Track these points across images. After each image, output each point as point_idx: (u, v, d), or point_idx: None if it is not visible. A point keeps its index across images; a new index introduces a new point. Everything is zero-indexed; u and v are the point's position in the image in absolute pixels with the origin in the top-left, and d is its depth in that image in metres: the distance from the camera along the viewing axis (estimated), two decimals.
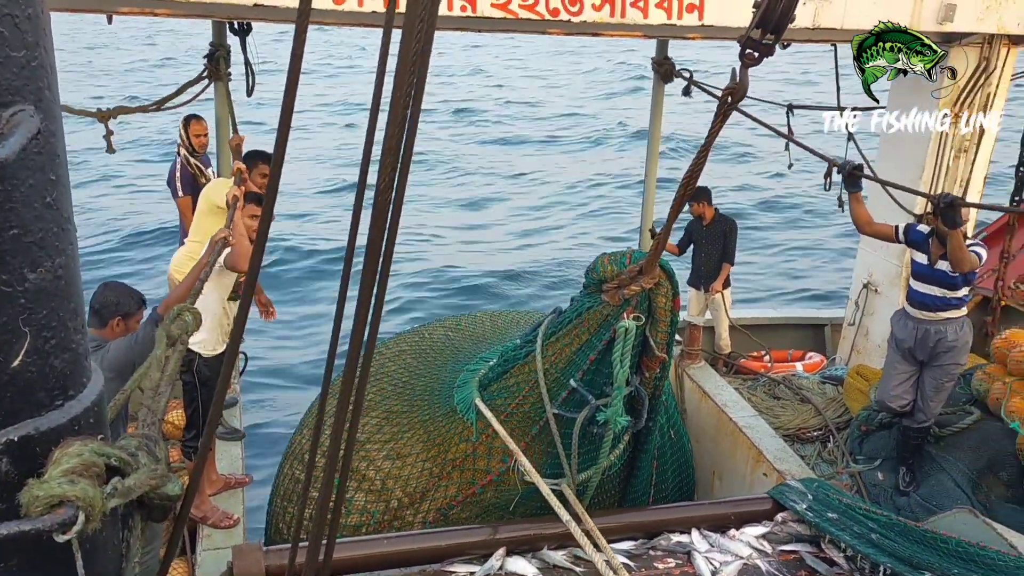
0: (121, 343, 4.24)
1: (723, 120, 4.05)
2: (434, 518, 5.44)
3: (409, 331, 7.31)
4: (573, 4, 5.64)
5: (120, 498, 1.31)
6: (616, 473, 5.40)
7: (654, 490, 5.78)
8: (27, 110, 1.15)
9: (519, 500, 5.28)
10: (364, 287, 1.64)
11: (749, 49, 3.71)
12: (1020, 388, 6.03)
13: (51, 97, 1.20)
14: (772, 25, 3.62)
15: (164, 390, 1.91)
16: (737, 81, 3.82)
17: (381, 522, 5.45)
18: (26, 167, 1.15)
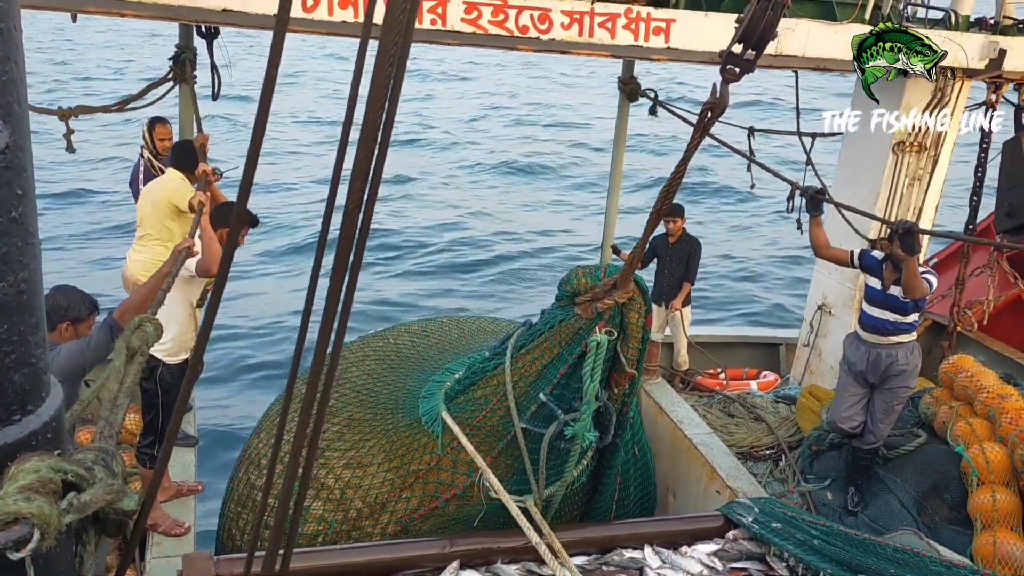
0: (73, 347, 4.17)
1: (703, 135, 4.08)
2: (394, 531, 5.37)
3: (374, 335, 7.20)
4: (542, 22, 5.70)
5: (76, 514, 1.31)
6: (580, 488, 5.40)
7: (617, 506, 5.76)
8: None
9: (483, 515, 5.24)
10: (332, 289, 1.65)
11: (730, 64, 3.75)
12: (965, 413, 6.19)
13: (20, 112, 1.21)
14: (753, 41, 3.68)
15: (122, 402, 1.90)
16: (717, 96, 3.86)
17: (339, 532, 5.37)
18: None
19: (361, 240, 1.63)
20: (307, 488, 1.99)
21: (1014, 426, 5.75)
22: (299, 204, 19.41)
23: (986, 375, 6.35)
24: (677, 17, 5.95)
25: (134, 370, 2.20)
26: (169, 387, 5.27)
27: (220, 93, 7.35)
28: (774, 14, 3.64)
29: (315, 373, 1.80)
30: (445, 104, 32.82)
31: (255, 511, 5.59)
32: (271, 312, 13.85)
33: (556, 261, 16.70)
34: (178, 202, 6.12)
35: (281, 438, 2.10)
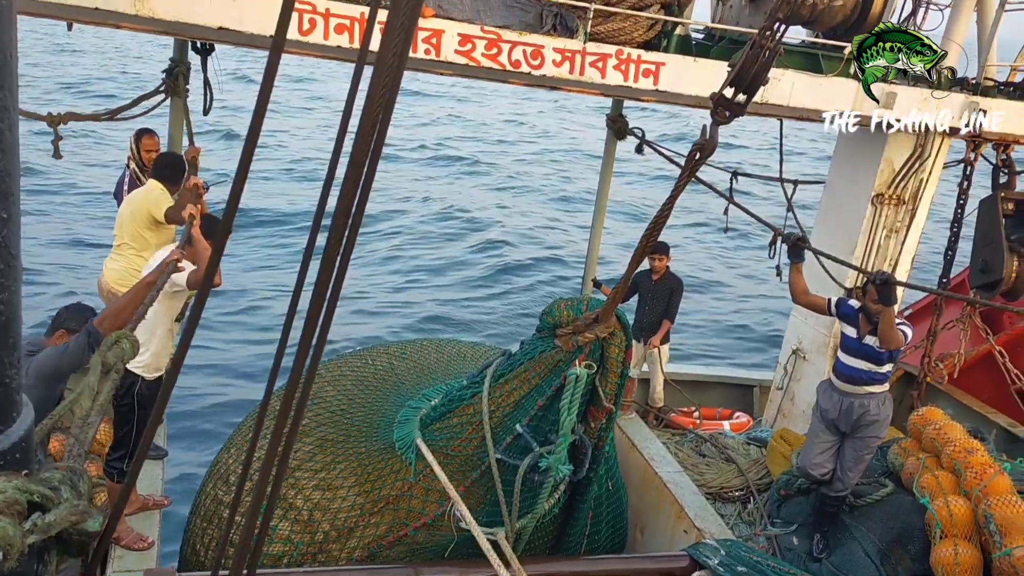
0: (51, 351, 4.17)
1: (690, 175, 4.14)
2: (361, 556, 5.33)
3: (351, 354, 7.14)
4: (535, 58, 5.79)
5: (39, 534, 1.32)
6: (551, 521, 5.39)
7: (587, 540, 5.75)
8: None
9: (453, 546, 5.21)
10: (310, 319, 1.67)
11: (721, 107, 3.82)
12: (932, 464, 6.25)
13: (11, 139, 1.23)
14: (745, 85, 3.75)
15: (94, 420, 1.90)
16: (707, 137, 3.92)
17: (305, 554, 5.32)
18: None
19: (343, 262, 1.66)
20: (274, 508, 2.01)
21: (978, 481, 5.82)
22: (286, 213, 19.42)
23: (954, 428, 6.43)
24: (667, 61, 6.05)
25: (108, 387, 2.21)
26: (146, 403, 5.22)
27: (211, 108, 7.38)
28: (766, 60, 3.72)
29: (290, 391, 1.81)
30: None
31: (221, 527, 5.55)
32: (249, 326, 13.81)
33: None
34: (155, 212, 6.12)
35: (252, 454, 2.11)
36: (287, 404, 1.83)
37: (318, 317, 1.70)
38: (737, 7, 6.99)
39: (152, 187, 6.35)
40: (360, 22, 5.39)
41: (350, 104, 1.83)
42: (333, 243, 1.65)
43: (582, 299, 5.15)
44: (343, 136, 1.82)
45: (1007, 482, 5.85)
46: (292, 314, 1.91)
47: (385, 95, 1.60)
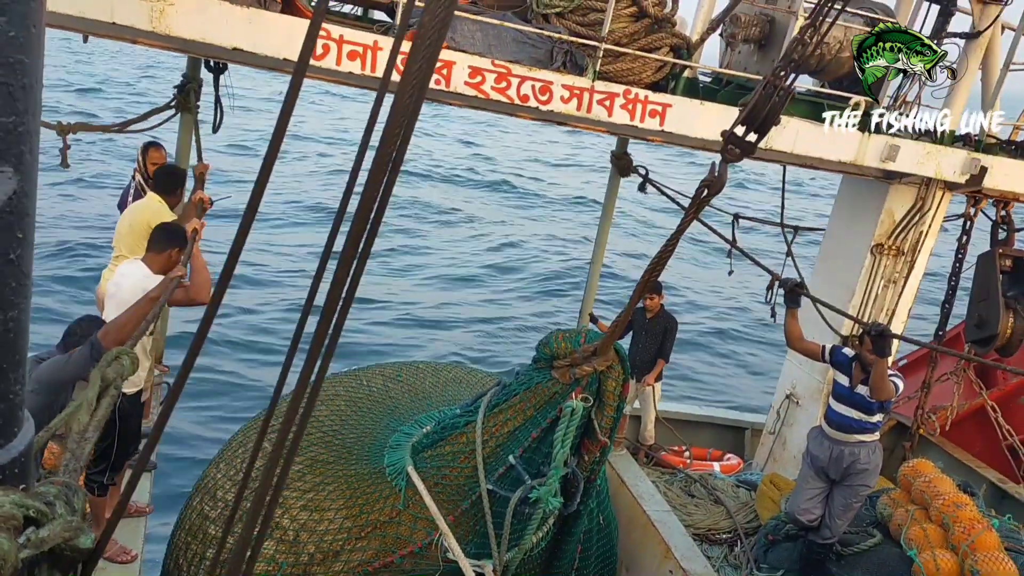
0: (55, 360, 4.20)
1: (697, 211, 4.14)
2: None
3: (346, 373, 7.09)
4: (543, 93, 5.86)
5: (33, 549, 1.34)
6: (539, 553, 5.35)
7: (575, 574, 5.72)
8: (7, 172, 1.21)
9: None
10: (316, 341, 1.69)
11: (731, 144, 3.83)
12: (921, 517, 6.25)
13: (31, 160, 1.27)
14: (756, 124, 3.77)
15: (91, 436, 1.92)
16: (716, 175, 3.92)
17: (289, 575, 5.29)
18: None
19: (352, 286, 1.69)
20: (266, 531, 2.02)
21: (966, 535, 5.81)
22: (294, 233, 19.48)
23: (944, 482, 6.44)
24: (674, 103, 6.12)
25: (106, 403, 2.22)
26: (127, 416, 5.20)
27: (221, 126, 7.45)
28: (779, 100, 3.74)
29: (290, 414, 1.82)
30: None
31: (205, 542, 5.51)
32: (248, 339, 13.82)
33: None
34: (153, 225, 6.14)
35: (249, 475, 2.11)
36: (286, 428, 1.84)
37: (322, 345, 1.72)
38: (745, 53, 7.08)
39: (151, 199, 6.38)
40: (373, 50, 5.46)
41: (369, 131, 1.87)
42: (347, 253, 1.68)
43: (580, 331, 5.13)
44: (359, 167, 1.86)
45: (995, 538, 5.85)
46: (297, 340, 1.93)
47: (404, 121, 1.64)
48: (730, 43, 7.00)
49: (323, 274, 1.89)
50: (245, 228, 1.88)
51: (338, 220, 1.90)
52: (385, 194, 1.70)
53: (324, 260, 1.90)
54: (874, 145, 6.61)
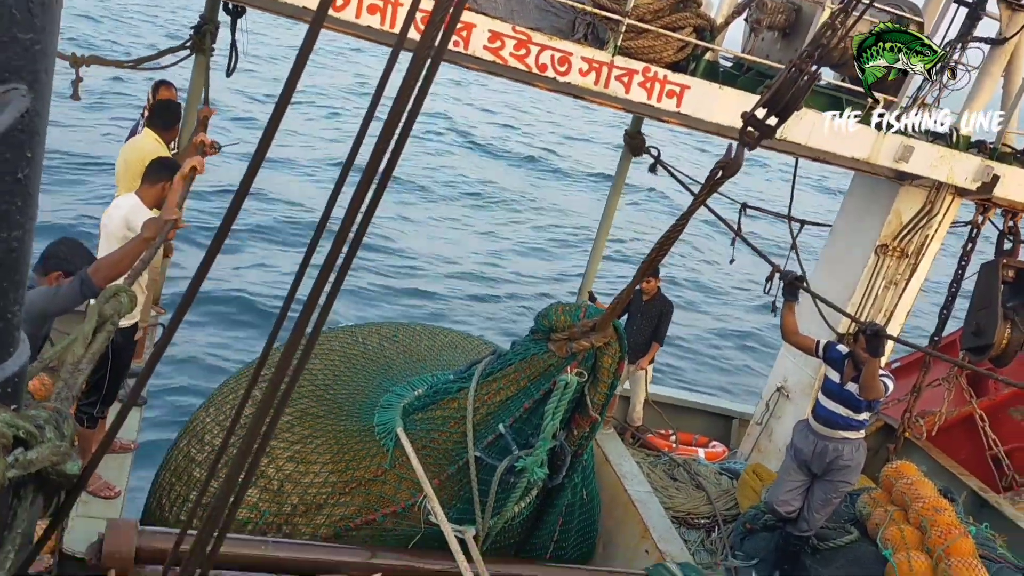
0: (43, 291, 4.17)
1: (709, 193, 4.09)
2: (326, 534, 5.31)
3: (343, 329, 7.06)
4: (562, 64, 5.80)
5: (20, 470, 1.34)
6: (520, 522, 5.37)
7: (554, 546, 5.73)
8: (20, 89, 1.20)
9: (419, 539, 5.17)
10: (318, 280, 1.68)
11: (751, 127, 3.77)
12: (899, 518, 6.29)
13: (46, 80, 1.25)
14: (778, 108, 3.70)
15: (84, 367, 1.92)
16: (732, 157, 3.87)
17: (270, 524, 5.31)
18: (5, 142, 1.19)
19: (357, 238, 1.68)
20: (251, 478, 2.03)
21: (943, 540, 5.85)
22: (301, 185, 19.41)
23: (925, 485, 6.47)
24: (692, 85, 6.07)
25: (102, 337, 2.22)
26: (120, 349, 5.23)
27: (235, 70, 7.39)
28: (803, 85, 3.68)
29: (284, 361, 1.82)
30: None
31: (189, 484, 5.54)
32: (243, 288, 13.82)
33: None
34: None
35: (238, 420, 2.11)
36: (278, 377, 1.84)
37: (323, 288, 1.72)
38: (769, 40, 7.02)
39: (146, 137, 6.35)
40: (394, 5, 5.40)
41: (381, 89, 1.85)
42: (349, 214, 1.67)
43: (580, 306, 5.11)
44: (368, 122, 1.84)
45: (970, 545, 5.89)
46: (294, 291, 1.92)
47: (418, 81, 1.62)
48: (754, 29, 6.93)
49: (325, 225, 1.88)
50: (252, 173, 1.87)
51: (345, 171, 1.88)
52: (396, 151, 1.68)
53: (328, 211, 1.89)
54: (888, 144, 6.57)
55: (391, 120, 1.62)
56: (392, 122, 1.63)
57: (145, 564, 4.45)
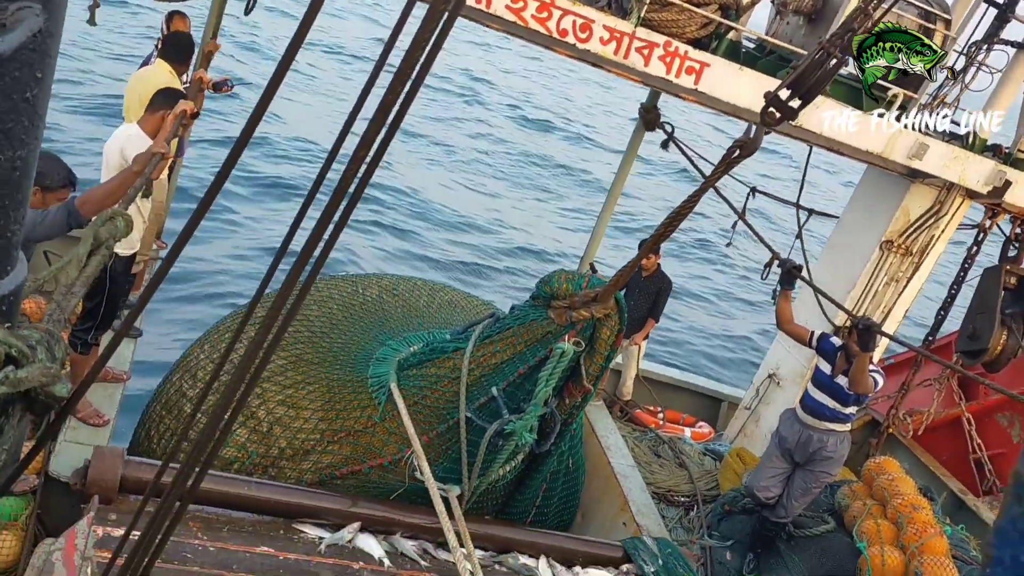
0: (28, 215, 4.15)
1: (724, 171, 4.03)
2: (311, 480, 5.35)
3: (343, 277, 7.02)
4: (583, 31, 5.75)
5: (9, 388, 1.35)
6: (503, 485, 5.39)
7: (535, 511, 5.76)
8: (34, 8, 1.19)
9: (402, 493, 5.20)
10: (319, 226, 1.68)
11: (772, 108, 3.70)
12: (877, 512, 6.35)
13: (60, 2, 1.24)
14: (803, 90, 3.64)
15: (78, 291, 1.93)
16: (750, 136, 3.81)
17: (257, 465, 5.35)
18: (16, 60, 1.19)
19: (359, 188, 1.68)
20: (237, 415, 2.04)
21: (917, 537, 5.91)
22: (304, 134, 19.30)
23: (906, 482, 6.53)
24: (712, 63, 6.02)
25: (96, 261, 2.23)
26: (117, 276, 5.23)
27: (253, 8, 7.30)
28: (831, 68, 3.61)
29: (278, 301, 1.82)
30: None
31: (179, 419, 5.57)
32: (245, 235, 13.82)
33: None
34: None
35: (227, 357, 2.11)
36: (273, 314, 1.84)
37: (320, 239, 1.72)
38: (794, 25, 6.94)
39: (160, 70, 6.29)
40: None
41: (392, 40, 1.83)
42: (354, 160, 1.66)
43: (584, 275, 5.04)
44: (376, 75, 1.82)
45: (944, 545, 5.95)
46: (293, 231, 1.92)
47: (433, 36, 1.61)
48: (780, 12, 6.86)
49: (330, 167, 1.88)
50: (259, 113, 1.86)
51: (353, 116, 1.87)
52: (405, 103, 1.67)
53: (333, 153, 1.88)
54: (903, 141, 6.53)
55: (402, 71, 1.61)
56: (403, 73, 1.61)
57: (129, 493, 4.49)
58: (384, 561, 4.73)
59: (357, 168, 1.67)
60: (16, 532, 4.66)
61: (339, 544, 4.74)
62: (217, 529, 4.55)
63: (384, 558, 4.75)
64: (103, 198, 4.31)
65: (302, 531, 4.77)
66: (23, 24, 1.16)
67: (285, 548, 4.58)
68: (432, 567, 4.87)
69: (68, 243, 5.96)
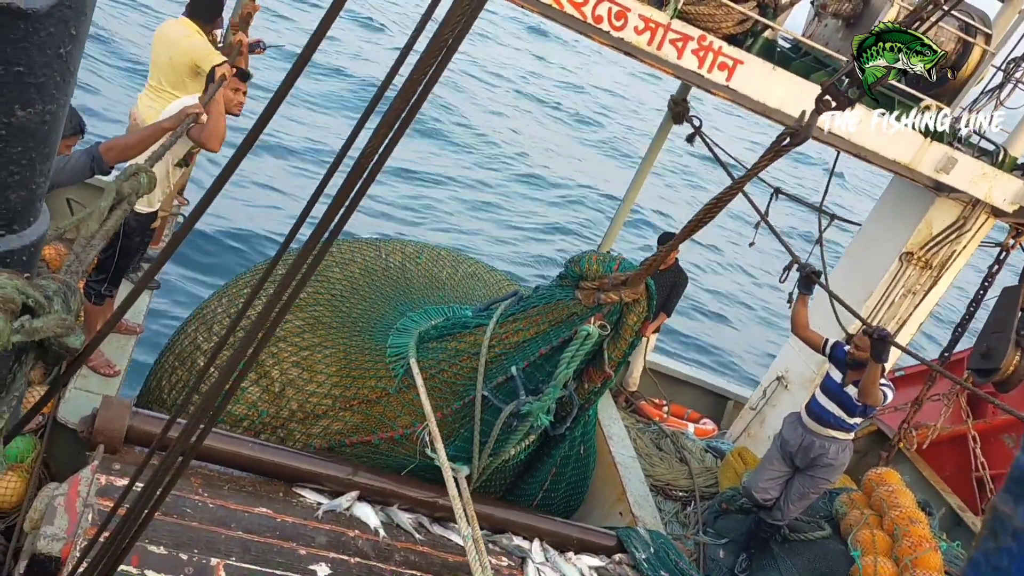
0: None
1: (773, 158, 3.96)
2: (320, 445, 5.30)
3: (366, 241, 6.85)
4: (619, 19, 5.71)
5: (24, 336, 1.38)
6: (513, 466, 5.31)
7: (543, 495, 5.67)
8: None
9: (411, 468, 5.12)
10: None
11: (828, 95, 3.65)
12: (873, 523, 6.35)
13: None
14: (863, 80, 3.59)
15: (97, 243, 1.95)
16: (803, 124, 3.74)
17: (266, 424, 5.31)
18: (51, 16, 1.20)
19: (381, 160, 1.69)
20: (246, 374, 2.06)
21: (912, 551, 5.91)
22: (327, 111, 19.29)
23: (905, 495, 6.52)
24: (746, 61, 5.97)
25: (117, 215, 2.25)
26: (132, 232, 5.17)
27: None
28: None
29: (300, 258, 1.83)
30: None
31: (191, 370, 5.52)
32: (271, 202, 13.87)
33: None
34: (202, 63, 6.00)
35: (244, 312, 2.13)
36: (291, 274, 1.86)
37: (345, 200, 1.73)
38: (832, 28, 6.88)
39: (190, 31, 6.15)
40: None
41: (424, 21, 1.84)
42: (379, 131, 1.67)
43: (615, 257, 4.93)
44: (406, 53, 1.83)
45: (938, 560, 5.95)
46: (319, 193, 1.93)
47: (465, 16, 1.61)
48: (819, 14, 6.80)
49: (359, 134, 1.89)
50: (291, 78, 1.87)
51: (378, 95, 1.88)
52: (431, 81, 1.68)
53: (362, 120, 1.88)
54: (932, 153, 6.48)
55: (431, 48, 1.61)
56: (433, 50, 1.62)
57: (134, 444, 4.55)
58: (380, 531, 4.78)
59: (388, 128, 1.68)
60: (21, 474, 4.74)
61: (336, 511, 4.79)
62: (218, 486, 4.60)
63: (380, 528, 4.80)
64: (128, 147, 4.34)
65: (301, 495, 4.82)
66: None
67: (283, 511, 4.64)
68: (426, 540, 4.92)
69: (90, 190, 6.01)
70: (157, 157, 3.24)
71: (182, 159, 5.40)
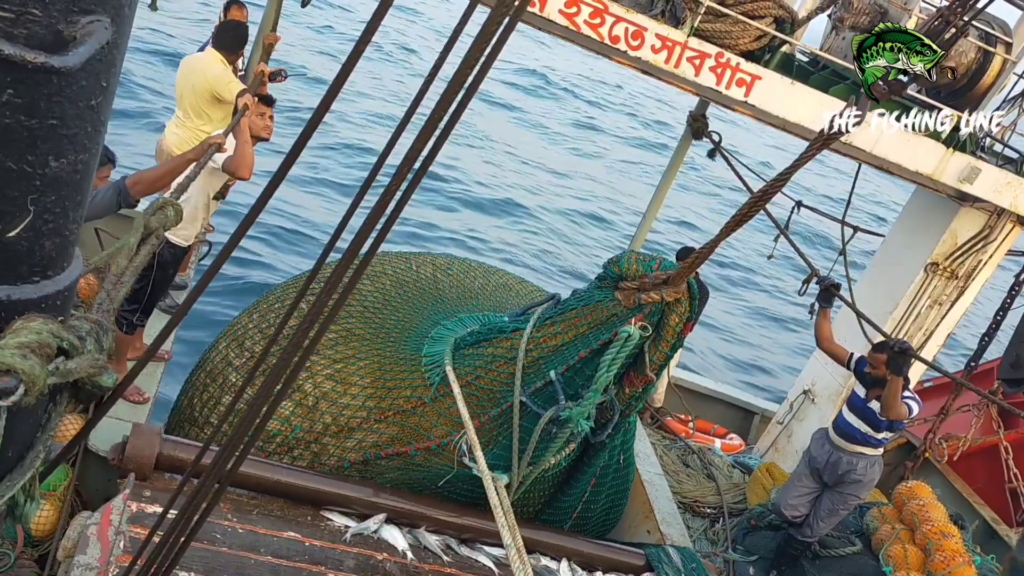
0: None
1: (820, 149, 3.90)
2: (355, 458, 5.23)
3: (397, 255, 6.78)
4: (635, 39, 5.75)
5: (59, 378, 1.41)
6: (552, 477, 5.18)
7: (582, 507, 5.53)
8: (103, 21, 1.24)
9: (449, 479, 5.01)
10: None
11: (880, 81, 3.62)
12: (905, 537, 6.28)
13: (128, 14, 1.30)
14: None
15: (127, 280, 1.99)
16: (856, 110, 3.65)
17: (300, 440, 5.25)
18: (84, 70, 1.24)
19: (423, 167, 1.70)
20: (287, 391, 2.04)
21: (945, 565, 5.84)
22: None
23: (937, 509, 6.44)
24: (764, 76, 5.98)
25: (146, 250, 2.29)
26: (166, 264, 5.25)
27: (310, 2, 7.41)
28: (950, 40, 3.48)
29: (336, 275, 1.83)
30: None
31: (223, 387, 5.50)
32: (299, 220, 13.99)
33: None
34: (222, 92, 6.10)
35: (281, 330, 2.11)
36: (327, 290, 1.86)
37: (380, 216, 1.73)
38: (850, 41, 6.85)
39: (212, 61, 6.28)
40: None
41: (452, 42, 1.85)
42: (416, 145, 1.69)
43: (655, 257, 4.77)
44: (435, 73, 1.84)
45: (972, 574, 5.87)
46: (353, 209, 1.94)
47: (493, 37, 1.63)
48: (836, 27, 6.79)
49: (393, 148, 1.90)
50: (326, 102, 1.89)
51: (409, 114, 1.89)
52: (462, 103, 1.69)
53: (397, 133, 1.89)
54: (955, 163, 6.43)
55: (461, 71, 1.62)
56: (462, 73, 1.63)
57: (164, 471, 4.60)
58: (407, 554, 4.79)
59: (424, 142, 1.69)
60: (54, 502, 4.80)
61: (364, 534, 4.81)
62: (247, 511, 4.64)
63: (408, 551, 4.81)
64: (155, 180, 4.42)
65: (329, 519, 4.85)
66: (93, 37, 1.21)
67: (312, 535, 4.66)
68: (454, 562, 4.93)
69: (119, 221, 6.11)
70: (183, 188, 3.29)
71: (219, 192, 5.49)
